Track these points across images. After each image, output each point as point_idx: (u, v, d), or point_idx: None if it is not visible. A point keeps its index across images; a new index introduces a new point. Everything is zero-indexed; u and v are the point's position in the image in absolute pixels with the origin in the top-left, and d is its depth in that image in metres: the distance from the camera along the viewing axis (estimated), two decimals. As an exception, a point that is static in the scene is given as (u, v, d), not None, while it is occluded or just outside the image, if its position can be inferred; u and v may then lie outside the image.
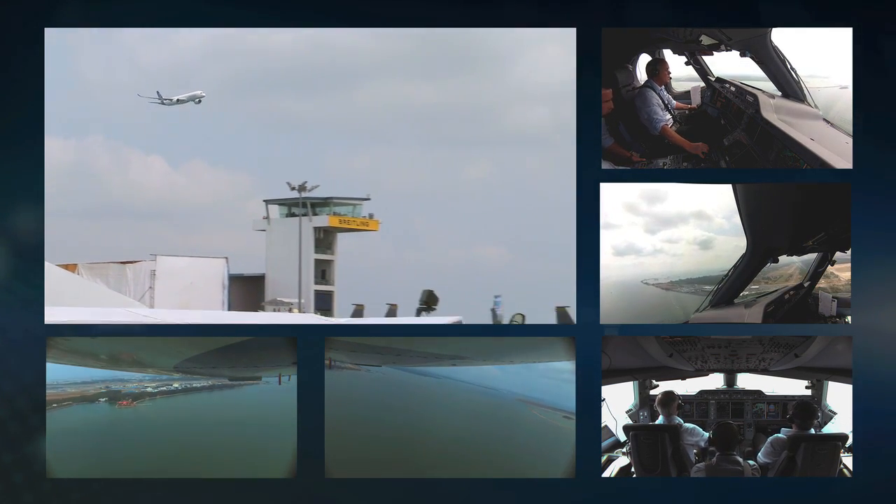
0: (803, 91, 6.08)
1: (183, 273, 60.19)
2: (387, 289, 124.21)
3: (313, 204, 78.59)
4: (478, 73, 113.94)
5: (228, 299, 64.33)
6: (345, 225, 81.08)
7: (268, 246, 78.51)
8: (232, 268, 67.29)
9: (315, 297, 74.39)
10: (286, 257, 73.63)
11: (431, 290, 65.22)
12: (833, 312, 6.04)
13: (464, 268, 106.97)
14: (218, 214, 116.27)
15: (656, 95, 6.16)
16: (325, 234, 79.69)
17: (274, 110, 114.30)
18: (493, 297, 57.15)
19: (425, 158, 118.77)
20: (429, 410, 6.02)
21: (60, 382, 5.95)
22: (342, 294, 77.65)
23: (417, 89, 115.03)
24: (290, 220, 78.11)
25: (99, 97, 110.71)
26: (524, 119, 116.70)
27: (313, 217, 78.40)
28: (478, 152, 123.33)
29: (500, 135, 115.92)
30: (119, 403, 5.98)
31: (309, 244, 75.92)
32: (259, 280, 75.54)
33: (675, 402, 6.20)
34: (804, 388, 6.19)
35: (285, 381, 6.02)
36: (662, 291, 6.08)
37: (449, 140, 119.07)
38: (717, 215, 6.09)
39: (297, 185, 74.17)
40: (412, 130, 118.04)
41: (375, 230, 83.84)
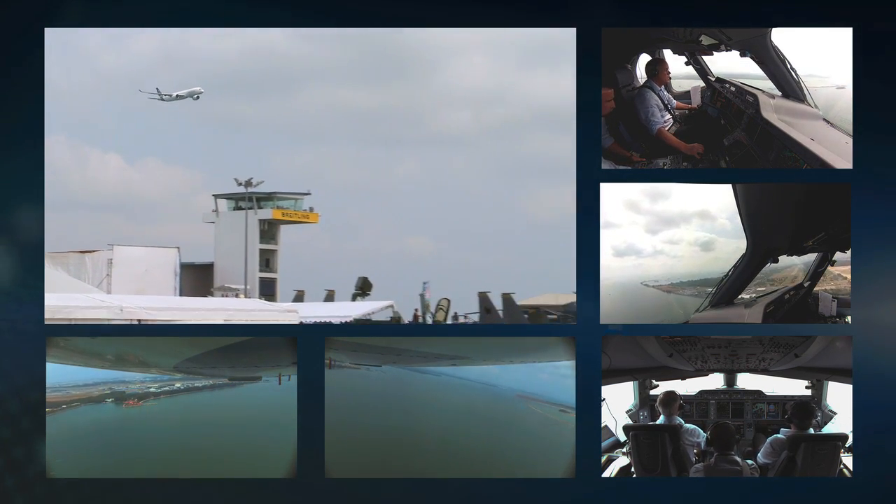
0: (803, 91, 6.08)
1: (138, 262, 63.69)
2: (325, 276, 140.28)
3: (258, 198, 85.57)
4: (408, 79, 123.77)
5: (180, 286, 68.27)
6: (287, 217, 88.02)
7: (216, 237, 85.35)
8: (183, 257, 71.39)
9: (260, 284, 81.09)
10: (233, 247, 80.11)
11: (366, 277, 74.15)
12: (833, 312, 6.04)
13: (395, 257, 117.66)
14: (170, 208, 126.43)
15: (655, 96, 6.15)
16: (269, 226, 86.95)
17: (222, 112, 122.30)
18: (422, 282, 64.98)
19: (360, 157, 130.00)
20: (429, 410, 6.02)
21: (64, 385, 5.96)
22: (285, 281, 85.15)
23: (353, 93, 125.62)
24: (236, 213, 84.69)
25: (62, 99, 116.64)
26: (449, 121, 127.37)
27: (258, 210, 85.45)
28: (408, 152, 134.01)
29: (428, 136, 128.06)
30: (126, 403, 5.99)
31: (254, 235, 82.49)
32: (208, 268, 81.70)
33: (676, 403, 6.20)
34: (804, 388, 6.19)
35: (285, 381, 6.02)
36: (662, 293, 6.08)
37: (382, 140, 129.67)
38: (720, 215, 6.08)
39: (244, 181, 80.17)
40: (348, 131, 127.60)
41: (315, 222, 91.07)
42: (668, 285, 6.07)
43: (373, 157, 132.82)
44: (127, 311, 39.79)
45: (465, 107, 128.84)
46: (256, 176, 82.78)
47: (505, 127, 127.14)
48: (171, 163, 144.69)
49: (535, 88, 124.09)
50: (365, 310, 66.33)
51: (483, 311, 67.72)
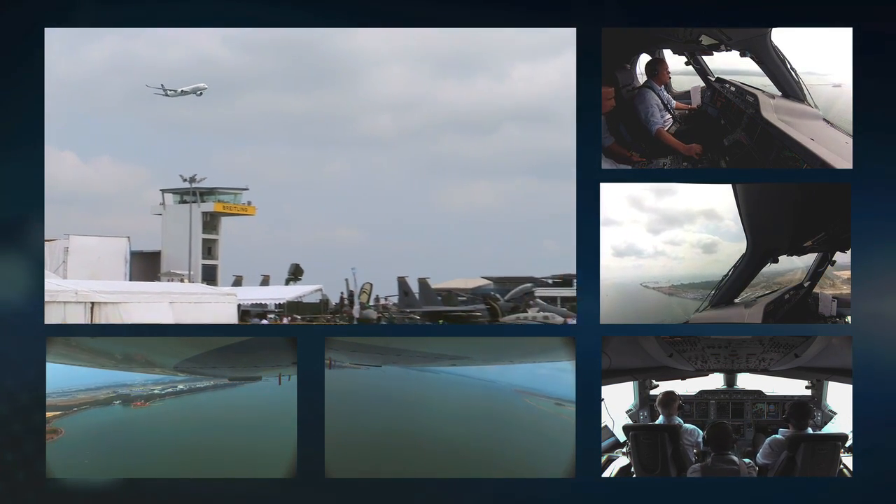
0: (803, 91, 6.08)
1: (91, 250, 69.96)
2: (261, 263, 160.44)
3: (201, 193, 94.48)
4: (336, 87, 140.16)
5: (130, 271, 75.49)
6: (227, 210, 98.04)
7: (163, 227, 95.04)
8: (133, 245, 79.11)
9: (202, 270, 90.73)
10: (178, 237, 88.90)
11: (298, 263, 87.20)
12: (833, 312, 6.04)
13: (325, 246, 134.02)
14: (121, 201, 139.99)
15: (655, 96, 6.15)
16: (211, 218, 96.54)
17: (169, 115, 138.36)
18: (350, 269, 73.29)
19: (293, 156, 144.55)
20: (429, 410, 6.02)
21: (69, 389, 5.97)
22: (225, 267, 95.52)
23: (287, 99, 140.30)
24: (181, 206, 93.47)
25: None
26: (372, 125, 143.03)
27: (201, 204, 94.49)
28: (336, 152, 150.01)
29: (354, 137, 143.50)
30: (134, 404, 6.00)
31: (197, 226, 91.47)
32: (156, 255, 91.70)
33: (675, 403, 6.19)
34: (804, 388, 6.19)
35: (285, 381, 6.02)
36: (662, 295, 6.07)
37: (312, 141, 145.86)
38: (727, 215, 6.07)
39: (188, 177, 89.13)
40: (283, 133, 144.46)
41: (253, 215, 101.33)
42: (669, 287, 6.07)
43: (304, 157, 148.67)
44: (81, 294, 44.96)
45: (386, 111, 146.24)
46: (200, 173, 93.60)
47: (421, 129, 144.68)
48: (122, 160, 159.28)
49: (447, 95, 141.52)
50: (297, 293, 76.21)
51: (402, 294, 76.22)
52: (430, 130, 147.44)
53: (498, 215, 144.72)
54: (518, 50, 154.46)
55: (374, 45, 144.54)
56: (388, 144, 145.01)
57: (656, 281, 6.06)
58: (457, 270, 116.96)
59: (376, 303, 77.35)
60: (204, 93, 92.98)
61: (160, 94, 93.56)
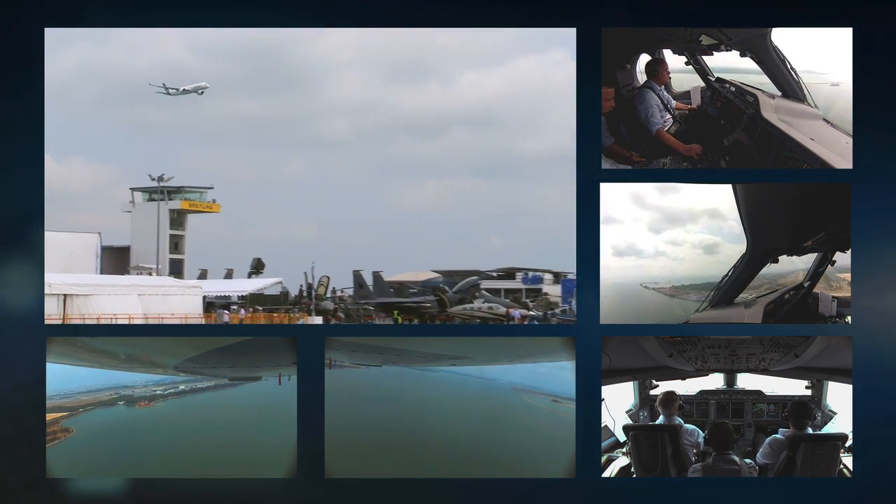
0: (803, 91, 6.08)
1: (65, 244, 73.07)
2: (225, 257, 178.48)
3: (169, 191, 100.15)
4: (295, 92, 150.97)
5: (101, 265, 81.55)
6: (193, 208, 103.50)
7: (132, 223, 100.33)
8: (104, 241, 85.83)
9: (170, 264, 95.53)
10: (147, 232, 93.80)
11: (260, 258, 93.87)
12: (833, 312, 6.04)
13: (285, 241, 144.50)
14: (93, 199, 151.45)
15: (655, 96, 6.15)
16: (177, 215, 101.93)
17: (137, 118, 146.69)
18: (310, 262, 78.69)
19: (255, 157, 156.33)
20: (429, 410, 6.02)
21: (71, 391, 5.98)
22: (191, 261, 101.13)
23: (250, 103, 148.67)
24: (150, 204, 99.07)
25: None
26: (330, 127, 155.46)
27: (169, 201, 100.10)
28: (295, 152, 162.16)
29: (312, 139, 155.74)
30: (139, 404, 6.01)
31: (165, 222, 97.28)
32: (125, 250, 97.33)
33: (676, 403, 6.19)
34: (804, 388, 6.19)
35: (285, 381, 6.02)
36: (662, 296, 6.07)
37: (273, 143, 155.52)
38: (730, 216, 6.06)
39: (157, 176, 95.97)
40: (246, 135, 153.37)
41: (217, 212, 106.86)
42: (669, 287, 6.07)
43: (266, 157, 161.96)
44: (55, 287, 47.24)
45: (342, 115, 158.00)
46: (167, 172, 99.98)
47: (375, 132, 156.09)
48: (93, 161, 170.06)
49: (399, 100, 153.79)
50: (258, 285, 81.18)
51: (357, 286, 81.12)
52: (384, 133, 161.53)
53: (447, 213, 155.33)
54: (467, 57, 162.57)
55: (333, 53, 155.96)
56: (344, 146, 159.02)
57: (656, 281, 6.05)
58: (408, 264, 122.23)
59: (333, 294, 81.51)
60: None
61: (162, 92, 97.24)
